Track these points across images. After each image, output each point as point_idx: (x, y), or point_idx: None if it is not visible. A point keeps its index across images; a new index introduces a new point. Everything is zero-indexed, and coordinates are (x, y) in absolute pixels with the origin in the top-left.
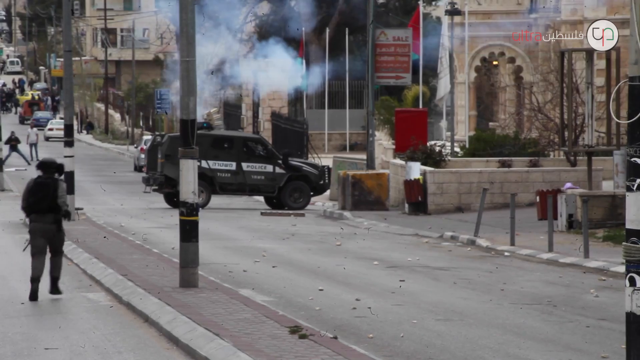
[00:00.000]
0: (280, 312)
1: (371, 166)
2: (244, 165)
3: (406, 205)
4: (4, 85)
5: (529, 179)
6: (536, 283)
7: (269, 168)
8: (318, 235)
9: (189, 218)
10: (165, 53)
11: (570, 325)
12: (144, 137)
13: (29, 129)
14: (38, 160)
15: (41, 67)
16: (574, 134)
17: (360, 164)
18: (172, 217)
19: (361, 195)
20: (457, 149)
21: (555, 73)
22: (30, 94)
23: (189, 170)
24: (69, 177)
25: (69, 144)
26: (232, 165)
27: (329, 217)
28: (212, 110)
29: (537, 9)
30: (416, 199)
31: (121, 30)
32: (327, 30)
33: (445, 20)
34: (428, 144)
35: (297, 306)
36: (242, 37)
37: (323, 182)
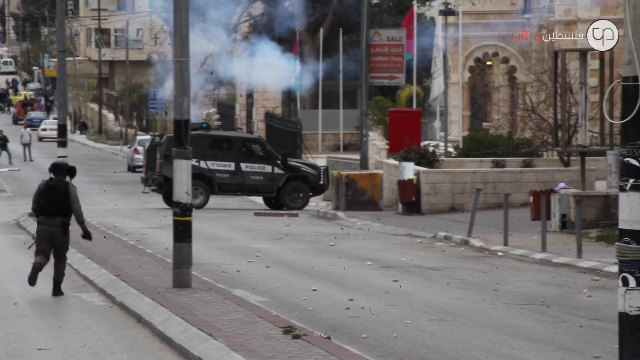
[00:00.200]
0: (274, 312)
1: (365, 166)
2: (243, 166)
3: (400, 206)
4: None
5: (522, 179)
6: (529, 283)
7: (268, 168)
8: (312, 236)
9: (182, 218)
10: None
11: (564, 325)
12: (138, 138)
13: (22, 129)
14: (31, 160)
15: (35, 68)
16: (567, 134)
17: (354, 164)
18: (166, 218)
19: (355, 195)
20: (451, 149)
21: (549, 73)
22: (24, 94)
23: (183, 170)
24: None
25: (63, 144)
26: (231, 166)
27: (323, 218)
28: (211, 110)
29: (531, 9)
30: (410, 199)
31: (115, 30)
32: (321, 30)
33: (439, 20)
34: (422, 144)
35: (291, 306)
36: (236, 37)
37: (322, 183)
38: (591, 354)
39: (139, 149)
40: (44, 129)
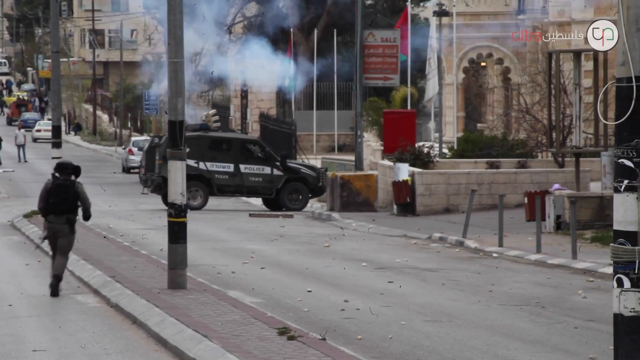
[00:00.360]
0: (269, 314)
1: (360, 167)
2: (242, 167)
3: (394, 207)
4: None
5: (517, 180)
6: (524, 284)
7: (267, 170)
8: (307, 237)
9: (177, 219)
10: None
11: (559, 327)
12: (132, 139)
13: (16, 131)
14: (26, 161)
15: (29, 69)
16: (561, 135)
17: (349, 165)
18: (161, 219)
19: (350, 196)
20: (446, 150)
21: (543, 74)
22: (17, 95)
23: (177, 171)
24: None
25: (57, 145)
26: (230, 167)
27: (318, 219)
28: (211, 112)
29: (525, 10)
30: (404, 200)
31: (109, 31)
32: (315, 31)
33: (433, 21)
34: (416, 145)
35: (286, 307)
36: (231, 38)
37: (321, 184)
38: (586, 355)
39: (134, 150)
40: (39, 130)
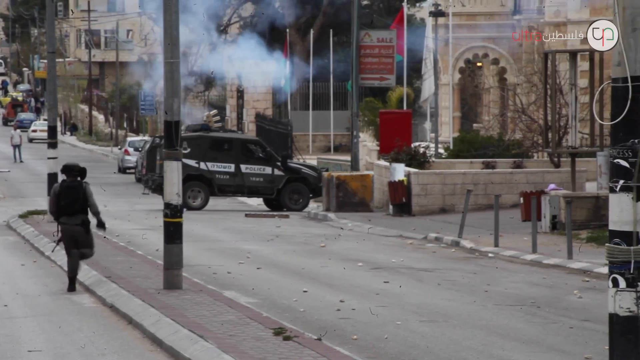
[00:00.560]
0: (265, 314)
1: (355, 167)
2: (243, 167)
3: (390, 207)
4: None
5: (512, 180)
6: (520, 284)
7: (268, 170)
8: (302, 237)
9: (173, 220)
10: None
11: (554, 326)
12: (128, 139)
13: (12, 131)
14: (22, 161)
15: (25, 69)
16: (557, 136)
17: (345, 165)
18: (157, 219)
19: (346, 196)
20: (441, 151)
21: (539, 74)
22: (12, 96)
23: (173, 171)
24: (52, 179)
25: (53, 145)
26: (231, 167)
27: (314, 219)
28: (212, 112)
29: (521, 11)
30: (400, 200)
31: (105, 31)
32: (312, 32)
33: (429, 21)
34: (412, 146)
35: (282, 308)
36: (227, 38)
37: (322, 185)
38: (582, 354)
39: (130, 150)
40: (34, 130)
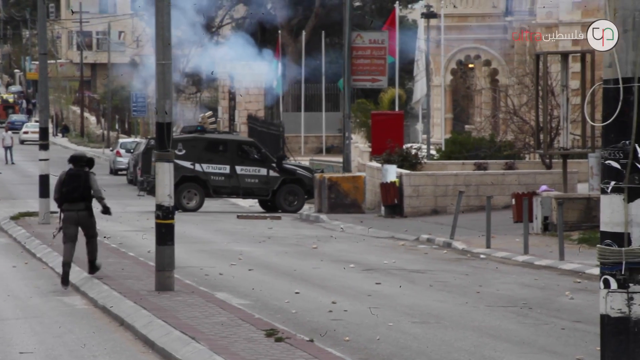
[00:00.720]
0: (257, 315)
1: (347, 169)
2: (238, 169)
3: (382, 208)
4: None
5: (504, 181)
6: (512, 285)
7: (263, 171)
8: (294, 238)
9: (164, 221)
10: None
11: (546, 328)
12: (120, 140)
13: (3, 132)
14: (13, 163)
15: (16, 70)
16: (549, 137)
17: (337, 166)
18: (148, 220)
19: (337, 198)
20: (433, 152)
21: (531, 76)
22: (4, 97)
23: (165, 173)
24: (44, 181)
25: (44, 147)
26: (226, 169)
27: (306, 220)
28: (207, 113)
29: (513, 12)
30: (392, 201)
31: (97, 33)
32: (303, 33)
33: (421, 23)
34: (404, 147)
35: (273, 309)
36: (219, 40)
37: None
38: (573, 356)
39: (121, 151)
40: (26, 132)
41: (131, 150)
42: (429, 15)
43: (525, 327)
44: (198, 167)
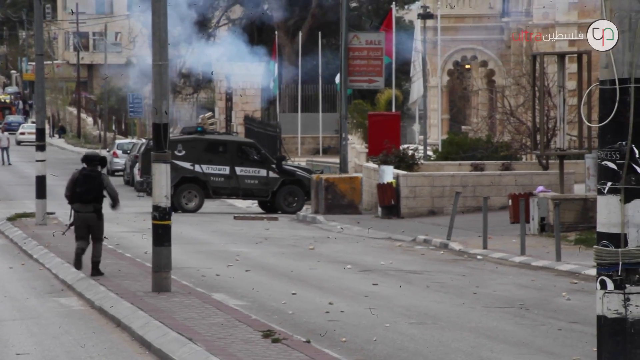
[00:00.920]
0: (253, 316)
1: (344, 170)
2: (238, 170)
3: (379, 209)
4: None
5: (501, 182)
6: (509, 286)
7: (263, 172)
8: (291, 239)
9: (161, 222)
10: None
11: (543, 329)
12: (117, 141)
13: (0, 133)
14: (10, 164)
15: (12, 71)
16: (546, 138)
17: (334, 167)
18: (145, 222)
19: (334, 199)
20: (430, 153)
21: (527, 76)
22: (0, 99)
23: (162, 174)
24: (40, 182)
25: (41, 148)
26: (226, 170)
27: (302, 221)
28: (207, 114)
29: (509, 13)
30: (389, 202)
31: (93, 33)
32: (300, 34)
33: (418, 24)
34: (401, 148)
35: (270, 310)
36: (215, 41)
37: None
38: (570, 356)
39: (118, 152)
40: (22, 133)
41: (128, 151)
42: (426, 16)
43: (522, 328)
44: (198, 168)
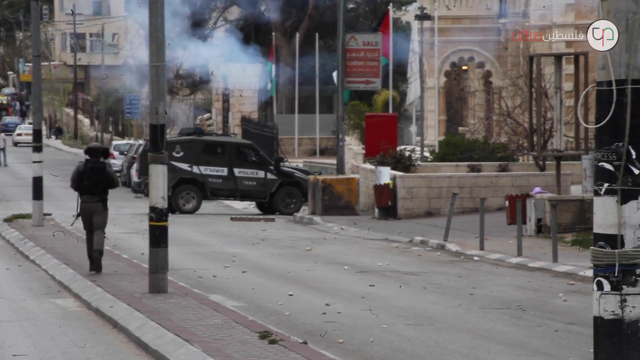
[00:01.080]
0: (250, 318)
1: (341, 171)
2: (236, 171)
3: (376, 210)
4: None
5: (498, 183)
6: (505, 287)
7: (261, 174)
8: (288, 240)
9: (158, 223)
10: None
11: (539, 330)
12: (114, 143)
13: None
14: (6, 165)
15: (10, 72)
16: (542, 139)
17: (331, 168)
18: (142, 223)
19: (331, 200)
20: (427, 154)
21: (524, 78)
22: None
23: (159, 175)
24: (37, 183)
25: (38, 149)
26: (224, 171)
27: (299, 222)
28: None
29: (506, 14)
30: (386, 203)
31: (90, 35)
32: (297, 35)
33: (415, 25)
34: (398, 149)
35: (267, 311)
36: (213, 42)
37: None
38: (567, 357)
39: (115, 154)
40: (19, 134)
41: (125, 153)
42: (423, 17)
43: (519, 329)
44: (196, 169)
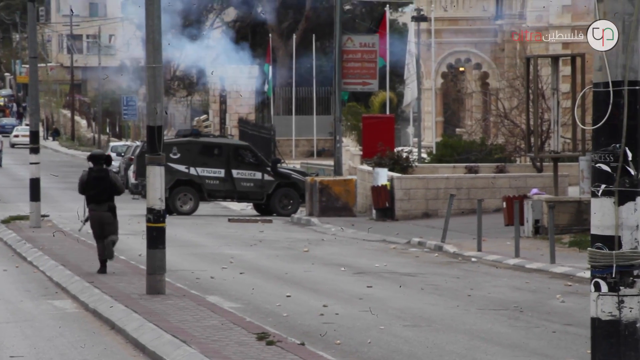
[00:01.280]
0: (248, 319)
1: (339, 172)
2: (233, 172)
3: (373, 211)
4: None
5: (495, 184)
6: (503, 288)
7: (258, 175)
8: (286, 242)
9: (156, 225)
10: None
11: (537, 331)
12: (111, 144)
13: None
14: (0, 166)
15: (6, 74)
16: (540, 140)
17: (328, 170)
18: (139, 224)
19: (329, 201)
20: (424, 155)
21: (521, 79)
22: None
23: (156, 176)
24: (34, 184)
25: (35, 150)
26: (221, 172)
27: (297, 224)
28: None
29: (503, 16)
30: (383, 205)
31: (87, 36)
32: (294, 36)
33: (412, 26)
34: (395, 150)
35: (265, 312)
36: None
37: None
38: (564, 359)
39: (112, 155)
40: (16, 136)
41: (122, 154)
42: (420, 18)
43: (517, 330)
44: (193, 171)
